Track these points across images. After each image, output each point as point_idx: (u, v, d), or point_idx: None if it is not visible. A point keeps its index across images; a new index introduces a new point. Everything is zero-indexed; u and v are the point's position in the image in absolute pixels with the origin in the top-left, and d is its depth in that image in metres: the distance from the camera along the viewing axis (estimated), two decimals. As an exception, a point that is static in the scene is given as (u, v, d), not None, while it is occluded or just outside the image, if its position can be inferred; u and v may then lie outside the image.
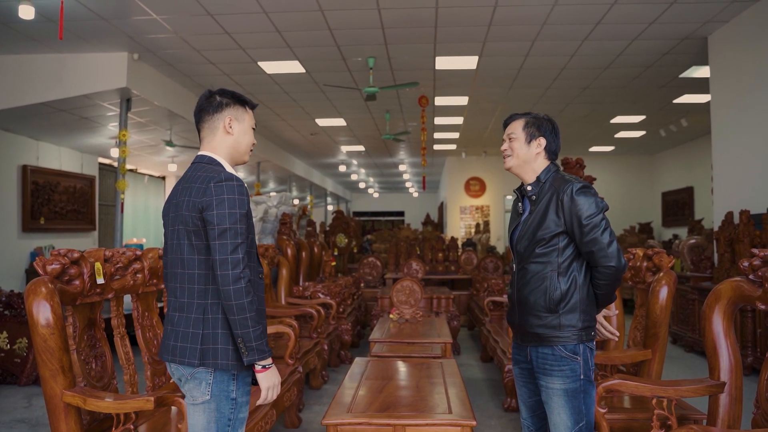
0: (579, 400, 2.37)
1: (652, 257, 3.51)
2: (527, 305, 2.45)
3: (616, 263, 2.34)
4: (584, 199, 2.35)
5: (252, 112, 2.25)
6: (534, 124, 2.53)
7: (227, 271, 1.92)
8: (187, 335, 2.02)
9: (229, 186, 1.98)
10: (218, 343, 1.99)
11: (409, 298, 5.84)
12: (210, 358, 1.99)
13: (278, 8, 6.50)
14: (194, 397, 2.03)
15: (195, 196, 2.00)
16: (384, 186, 27.52)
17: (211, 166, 2.10)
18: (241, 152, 2.20)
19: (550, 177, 2.49)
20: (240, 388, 2.05)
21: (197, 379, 2.01)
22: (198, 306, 2.02)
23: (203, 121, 2.18)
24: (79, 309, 2.71)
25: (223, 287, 1.93)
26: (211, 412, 2.01)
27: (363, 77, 8.91)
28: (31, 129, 9.48)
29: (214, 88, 2.25)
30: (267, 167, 16.19)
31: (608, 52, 7.91)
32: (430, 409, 2.81)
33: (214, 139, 2.16)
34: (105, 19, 6.75)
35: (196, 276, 2.02)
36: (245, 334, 1.94)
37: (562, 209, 2.37)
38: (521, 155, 2.52)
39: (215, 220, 1.95)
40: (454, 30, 7.19)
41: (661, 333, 3.25)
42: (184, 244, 2.04)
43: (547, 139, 2.52)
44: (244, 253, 1.96)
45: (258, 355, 1.97)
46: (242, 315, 1.93)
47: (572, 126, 12.86)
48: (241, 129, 2.18)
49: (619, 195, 16.58)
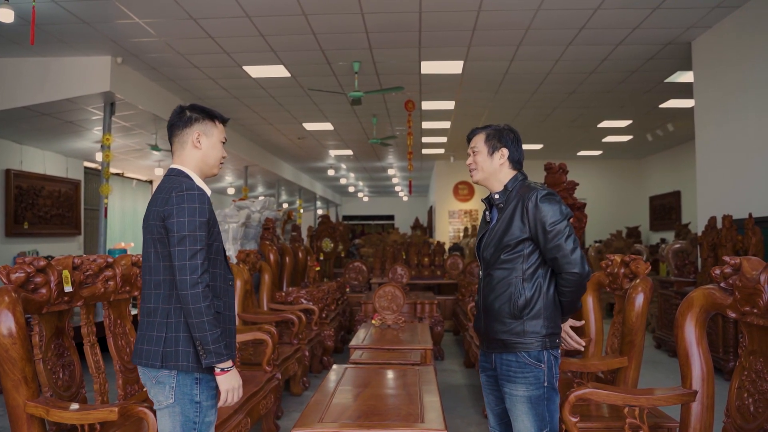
0: (542, 407, 2.38)
1: (629, 264, 3.50)
2: (492, 311, 2.46)
3: (580, 270, 2.36)
4: (548, 206, 2.37)
5: (222, 127, 2.33)
6: (495, 136, 2.56)
7: (185, 276, 2.00)
8: (152, 338, 2.10)
9: (189, 195, 2.07)
10: (179, 345, 2.06)
11: (391, 304, 5.81)
12: (171, 360, 2.06)
13: (261, 12, 6.47)
14: (159, 401, 2.09)
15: (159, 206, 2.10)
16: (374, 190, 27.50)
17: (178, 177, 2.17)
18: (210, 165, 2.28)
19: (517, 185, 2.52)
20: (204, 392, 2.11)
21: (161, 383, 2.08)
22: (162, 310, 2.10)
23: (174, 135, 2.27)
24: (46, 317, 2.67)
25: (181, 292, 2.01)
26: (176, 415, 2.07)
27: (349, 81, 8.89)
28: (14, 133, 9.40)
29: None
30: (255, 171, 16.13)
31: (593, 57, 7.93)
32: (403, 418, 2.78)
33: (183, 153, 2.24)
34: (87, 23, 6.71)
35: (161, 282, 2.11)
36: (203, 337, 2.01)
37: (527, 216, 2.39)
38: (486, 168, 2.56)
39: (175, 227, 2.04)
40: (438, 35, 7.19)
41: (637, 340, 3.24)
42: (151, 252, 2.14)
43: (509, 149, 2.55)
44: (204, 259, 2.04)
45: (216, 358, 2.03)
46: (199, 318, 2.00)
47: (560, 131, 12.89)
48: (210, 143, 2.26)
49: (608, 199, 16.67)
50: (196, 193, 2.08)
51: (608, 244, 11.03)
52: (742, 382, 2.40)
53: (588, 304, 3.91)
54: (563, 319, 2.57)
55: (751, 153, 6.36)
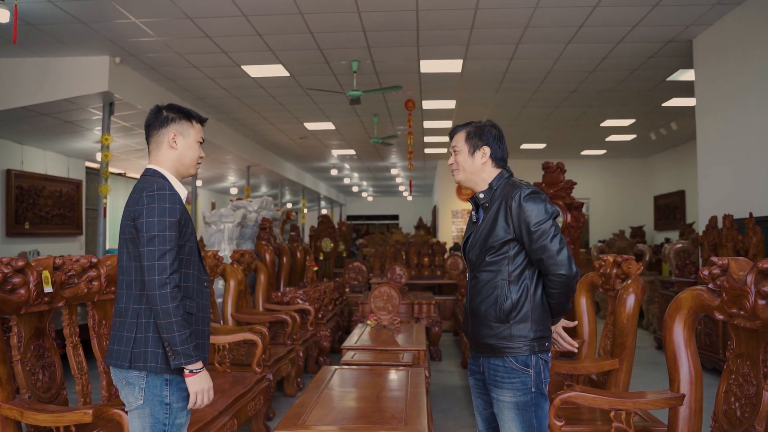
0: (530, 413, 2.31)
1: (621, 264, 3.44)
2: (479, 315, 2.40)
3: (567, 271, 2.28)
4: (533, 205, 2.29)
5: (200, 127, 2.32)
6: (476, 134, 2.47)
7: (153, 276, 2.00)
8: (122, 339, 2.09)
9: (160, 195, 2.07)
10: (149, 346, 2.05)
11: (386, 304, 5.77)
12: (140, 361, 2.04)
13: (257, 11, 6.44)
14: (129, 403, 2.08)
15: (131, 205, 2.11)
16: (378, 190, 27.46)
17: (152, 178, 2.16)
18: (186, 165, 2.28)
19: (501, 183, 2.43)
20: (175, 393, 2.09)
21: (131, 384, 2.06)
22: (133, 311, 2.09)
23: (150, 135, 2.26)
24: (25, 318, 2.65)
25: (149, 292, 2.00)
26: (146, 417, 2.05)
27: (348, 81, 8.85)
28: (15, 133, 9.41)
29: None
30: (257, 171, 16.12)
31: (593, 55, 7.86)
32: (386, 421, 2.73)
33: (159, 153, 2.24)
34: (84, 23, 6.69)
35: (133, 282, 2.10)
36: (171, 338, 2.00)
37: (511, 216, 2.31)
38: (467, 168, 2.48)
39: (144, 227, 2.04)
40: (436, 33, 7.14)
41: (628, 342, 3.18)
42: (123, 252, 2.14)
43: (491, 146, 2.46)
44: (173, 259, 2.04)
45: (184, 360, 2.02)
46: (167, 319, 1.99)
47: (563, 130, 12.82)
48: (186, 143, 2.25)
49: (612, 199, 16.58)
50: (167, 193, 2.08)
51: (611, 244, 10.94)
52: (729, 385, 2.35)
53: (581, 305, 3.85)
54: (554, 320, 2.50)
55: (753, 152, 6.28)
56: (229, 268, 5.21)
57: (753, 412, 2.20)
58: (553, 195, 6.26)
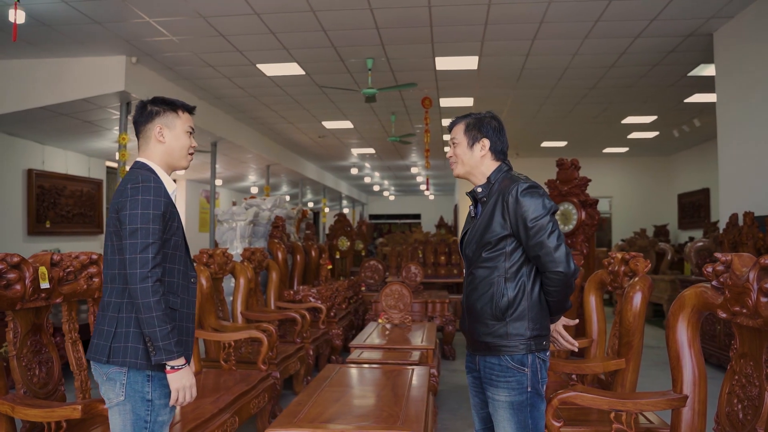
0: (525, 413, 2.25)
1: (629, 261, 3.36)
2: (474, 312, 2.34)
3: (564, 268, 2.21)
4: (530, 200, 2.22)
5: (188, 116, 2.28)
6: (475, 125, 2.41)
7: (135, 269, 1.96)
8: (102, 332, 2.06)
9: (144, 188, 2.03)
10: (129, 341, 2.02)
11: (398, 303, 5.73)
12: (120, 356, 2.01)
13: (269, 9, 6.43)
14: (110, 399, 2.05)
15: (115, 197, 2.09)
16: (399, 189, 27.40)
17: (139, 170, 2.14)
18: (175, 157, 2.25)
19: (500, 177, 2.37)
20: (157, 390, 2.05)
21: (112, 380, 2.03)
22: (115, 304, 2.06)
23: (138, 132, 2.24)
24: (21, 314, 2.65)
25: (131, 285, 1.97)
26: (127, 413, 2.02)
27: (364, 79, 8.81)
28: (35, 133, 9.54)
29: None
30: (277, 170, 16.18)
31: (611, 50, 7.72)
32: (383, 420, 2.70)
33: (148, 148, 2.22)
34: (100, 23, 6.75)
35: (116, 275, 2.07)
36: (152, 333, 1.96)
37: (508, 211, 2.25)
38: (466, 161, 2.42)
39: (127, 219, 2.01)
40: (450, 29, 7.07)
41: (635, 341, 3.10)
42: (108, 245, 2.12)
43: (491, 138, 2.40)
44: (156, 253, 2.00)
45: (165, 355, 1.98)
46: (148, 314, 1.95)
47: (583, 127, 12.65)
48: (173, 135, 2.22)
49: (635, 197, 16.34)
50: (152, 185, 2.05)
51: (632, 242, 10.77)
52: (732, 387, 2.27)
53: (590, 303, 3.78)
54: (553, 319, 2.43)
55: (775, 148, 6.12)
56: (238, 265, 5.21)
57: (755, 414, 2.12)
58: (567, 192, 6.18)
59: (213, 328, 4.43)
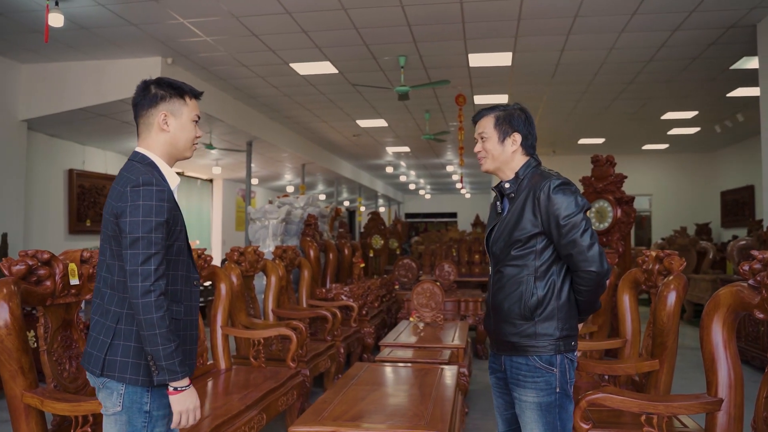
0: (554, 415, 2.19)
1: (663, 260, 3.26)
2: (501, 312, 2.27)
3: (597, 268, 2.13)
4: (562, 197, 2.15)
5: (194, 103, 2.07)
6: (505, 119, 2.31)
7: (137, 283, 1.81)
8: (97, 342, 1.92)
9: (146, 191, 1.85)
10: (129, 356, 1.88)
11: (429, 301, 5.69)
12: (117, 371, 1.88)
13: (300, 8, 6.45)
14: (106, 408, 1.92)
15: (114, 199, 1.90)
16: (435, 187, 27.31)
17: (140, 165, 1.95)
18: (180, 149, 2.04)
19: (529, 173, 2.29)
20: (156, 401, 1.91)
21: (108, 389, 1.91)
22: (114, 314, 1.91)
23: (139, 115, 2.03)
24: (52, 309, 2.70)
25: (132, 300, 1.82)
26: (123, 425, 1.90)
27: (396, 76, 8.79)
28: (76, 134, 9.77)
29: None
30: (313, 169, 16.27)
31: (649, 44, 7.54)
32: (408, 419, 2.66)
33: (149, 136, 2.01)
34: (135, 25, 6.87)
35: (117, 283, 1.92)
36: (155, 352, 1.82)
37: (539, 208, 2.17)
38: (497, 156, 2.33)
39: (127, 228, 1.83)
40: (483, 25, 6.99)
41: (669, 342, 3.01)
42: (107, 248, 1.95)
43: (522, 133, 2.31)
44: (159, 264, 1.85)
45: (169, 376, 1.84)
46: (151, 331, 1.80)
47: (621, 124, 12.41)
48: (179, 124, 2.02)
49: (676, 194, 15.98)
50: (155, 188, 1.86)
51: (671, 241, 10.50)
52: (770, 390, 2.18)
53: (624, 302, 3.69)
54: (581, 318, 2.34)
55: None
56: (270, 263, 5.24)
57: (794, 419, 2.03)
58: (602, 189, 6.05)
59: (243, 325, 4.46)
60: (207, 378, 3.81)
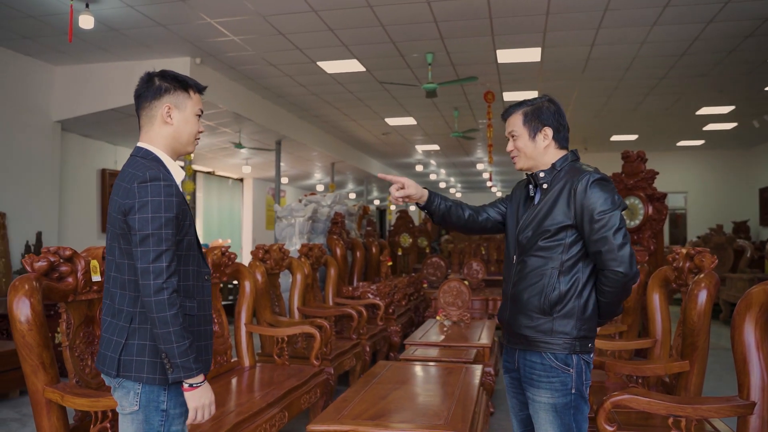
0: (569, 416, 2.11)
1: (694, 257, 3.16)
2: (519, 302, 2.20)
3: (626, 270, 2.05)
4: (600, 193, 2.08)
5: (198, 97, 2.05)
6: (534, 114, 2.25)
7: (148, 281, 1.79)
8: (111, 343, 1.91)
9: (154, 187, 1.82)
10: (144, 355, 1.87)
11: (456, 300, 5.63)
12: (133, 371, 1.87)
13: (326, 6, 6.44)
14: (123, 407, 1.92)
15: (120, 197, 1.87)
16: (466, 185, 27.12)
17: (144, 160, 1.92)
18: (182, 143, 2.02)
19: (567, 166, 2.22)
20: (172, 399, 1.91)
21: (125, 388, 1.90)
22: (126, 314, 1.90)
23: (141, 108, 2.00)
24: (74, 306, 2.72)
25: (144, 298, 1.81)
26: (140, 423, 1.89)
27: (424, 74, 8.73)
28: (108, 134, 9.93)
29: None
30: (342, 168, 16.30)
31: (682, 37, 7.35)
32: (428, 419, 2.63)
33: (152, 129, 1.99)
34: (164, 26, 6.94)
35: (127, 282, 1.90)
36: (169, 350, 1.80)
37: (574, 200, 2.11)
38: (529, 153, 2.26)
39: (137, 225, 1.81)
40: (510, 21, 6.89)
41: (700, 342, 2.92)
42: (115, 247, 1.93)
43: (553, 126, 2.23)
44: (171, 260, 1.83)
45: (184, 373, 1.83)
46: (165, 329, 1.79)
47: (655, 119, 12.15)
48: (182, 117, 1.99)
49: (712, 192, 15.64)
50: (162, 183, 1.83)
51: (707, 239, 10.26)
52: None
53: (654, 301, 3.59)
54: (600, 322, 2.25)
55: None
56: (295, 261, 5.24)
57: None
58: (633, 185, 5.93)
59: (268, 323, 4.46)
60: (231, 375, 3.82)
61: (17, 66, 7.84)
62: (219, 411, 3.03)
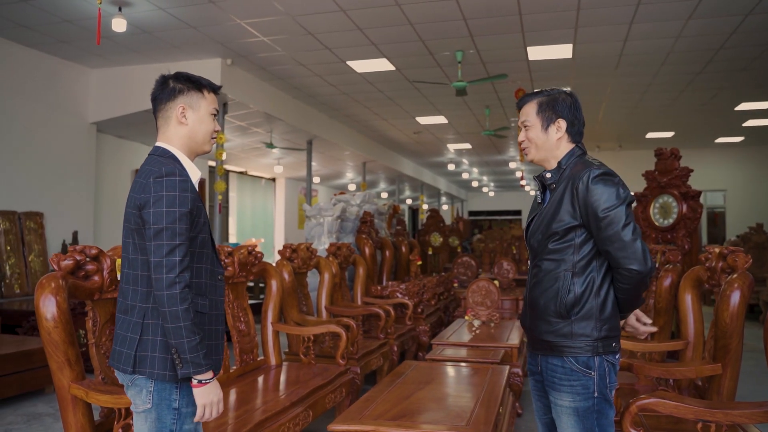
0: (591, 421, 2.05)
1: (727, 257, 3.07)
2: (537, 308, 2.15)
3: (640, 266, 1.98)
4: (602, 188, 2.00)
5: (213, 96, 2.07)
6: (549, 104, 2.17)
7: (161, 275, 1.80)
8: (126, 339, 1.92)
9: (169, 182, 1.85)
10: (156, 351, 1.88)
11: (485, 300, 5.58)
12: (147, 366, 1.88)
13: (354, 5, 6.45)
14: (136, 405, 1.94)
15: (136, 192, 1.90)
16: (499, 185, 26.93)
17: (162, 158, 1.94)
18: (198, 142, 2.04)
19: (572, 162, 2.15)
20: (184, 398, 1.92)
21: (138, 386, 1.92)
22: (140, 310, 1.91)
23: (157, 109, 2.03)
24: (100, 304, 2.76)
25: (156, 292, 1.81)
26: (152, 421, 1.91)
27: (454, 72, 8.68)
28: (140, 135, 10.10)
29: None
30: (374, 167, 16.31)
31: (719, 30, 7.16)
32: (448, 420, 2.60)
33: (168, 130, 2.01)
34: (195, 28, 7.03)
35: (140, 278, 1.91)
36: (179, 345, 1.81)
37: (577, 199, 2.04)
38: (540, 145, 2.18)
39: (151, 219, 1.83)
40: (540, 17, 6.81)
41: (733, 344, 2.82)
42: (129, 243, 1.95)
43: (567, 119, 2.16)
44: (184, 255, 1.84)
45: (193, 369, 1.83)
46: (176, 324, 1.80)
47: (691, 116, 11.88)
48: (197, 117, 2.02)
49: (752, 190, 15.27)
50: (177, 179, 1.86)
51: (746, 239, 9.98)
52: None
53: (686, 302, 3.49)
54: (623, 316, 2.18)
55: None
56: (323, 260, 5.24)
57: None
58: (667, 183, 5.79)
59: (295, 321, 4.47)
60: (257, 374, 3.83)
61: (54, 69, 8.03)
62: (243, 409, 3.05)
